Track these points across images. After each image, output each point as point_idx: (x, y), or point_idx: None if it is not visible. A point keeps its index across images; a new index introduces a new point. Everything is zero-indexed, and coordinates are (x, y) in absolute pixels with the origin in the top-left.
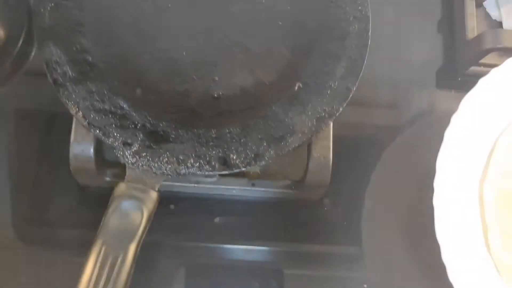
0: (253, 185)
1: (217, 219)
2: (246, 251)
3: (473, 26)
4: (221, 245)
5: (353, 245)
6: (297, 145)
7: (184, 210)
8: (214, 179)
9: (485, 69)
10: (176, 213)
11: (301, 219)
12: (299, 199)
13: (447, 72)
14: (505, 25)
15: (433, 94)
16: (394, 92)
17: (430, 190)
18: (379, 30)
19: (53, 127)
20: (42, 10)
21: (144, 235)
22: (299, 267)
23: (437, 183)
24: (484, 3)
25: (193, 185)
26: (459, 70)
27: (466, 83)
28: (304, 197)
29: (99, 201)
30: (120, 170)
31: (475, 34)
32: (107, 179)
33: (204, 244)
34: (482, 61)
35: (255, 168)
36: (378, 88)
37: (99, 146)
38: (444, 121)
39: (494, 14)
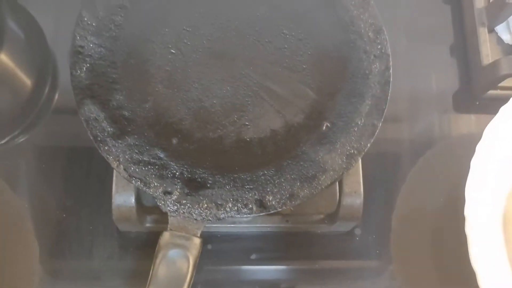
0: (287, 221)
1: (253, 256)
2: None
3: (487, 52)
4: (258, 279)
5: (386, 271)
6: (329, 183)
7: (222, 249)
8: (250, 218)
9: (502, 92)
10: (213, 252)
11: (334, 249)
12: (332, 231)
13: (464, 97)
14: None
15: (453, 118)
16: (415, 119)
17: (455, 210)
18: (394, 60)
19: (90, 166)
20: (78, 71)
21: (192, 281)
22: None
23: (468, 212)
24: (496, 28)
25: (229, 225)
26: (476, 94)
27: (484, 106)
28: (336, 229)
29: (140, 246)
30: (159, 215)
31: (490, 60)
32: (147, 225)
33: (242, 280)
34: (499, 84)
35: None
36: (398, 115)
37: (138, 194)
38: (466, 144)
39: (506, 38)
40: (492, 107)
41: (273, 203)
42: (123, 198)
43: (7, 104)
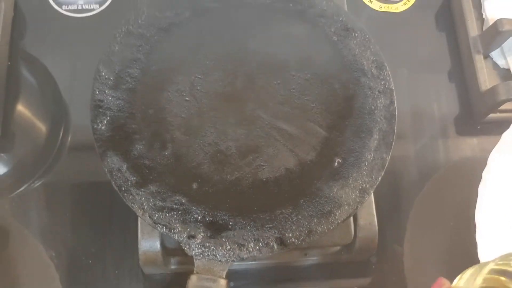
0: (305, 254)
1: None
2: None
3: (484, 78)
4: None
5: None
6: (345, 217)
7: (244, 286)
8: (270, 254)
9: (503, 115)
10: None
11: (352, 279)
12: (349, 261)
13: (466, 122)
14: None
15: (456, 143)
16: (419, 146)
17: (466, 235)
18: (396, 90)
19: (113, 210)
20: (99, 124)
21: None
22: None
23: (479, 237)
24: (491, 54)
25: (250, 262)
26: (477, 119)
27: (486, 130)
28: (353, 259)
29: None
30: (182, 257)
31: (488, 86)
32: (172, 267)
33: None
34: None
35: None
36: (402, 143)
37: (162, 237)
38: (471, 168)
39: (501, 63)
40: (493, 130)
41: (293, 240)
42: (149, 243)
43: (25, 150)
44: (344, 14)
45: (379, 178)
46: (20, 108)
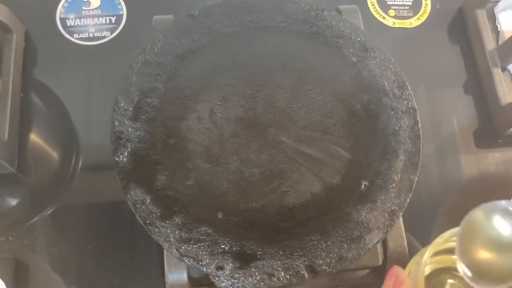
0: (334, 279)
1: None
2: None
3: (504, 92)
4: None
5: None
6: (375, 242)
7: None
8: (300, 283)
9: None
10: None
11: None
12: (379, 283)
13: (486, 136)
14: None
15: (478, 158)
16: (441, 162)
17: None
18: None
19: (134, 241)
20: (120, 156)
21: None
22: None
23: None
24: (508, 67)
25: None
26: (498, 132)
27: (507, 143)
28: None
29: None
30: (210, 287)
31: (507, 99)
32: None
33: None
34: None
35: None
36: (424, 158)
37: (189, 269)
38: (494, 182)
39: None
40: None
41: (324, 267)
42: (176, 276)
43: (39, 180)
44: (362, 34)
45: (408, 200)
46: (34, 138)
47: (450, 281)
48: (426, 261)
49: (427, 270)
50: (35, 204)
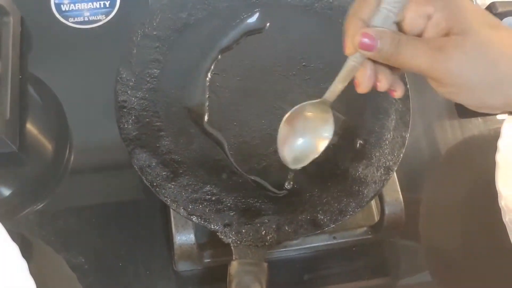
0: (334, 238)
1: (306, 277)
2: None
3: None
4: None
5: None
6: (373, 195)
7: (276, 274)
8: (299, 240)
9: None
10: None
11: (381, 258)
12: (377, 240)
13: None
14: None
15: (462, 123)
16: (426, 128)
17: (485, 204)
18: None
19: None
20: (125, 124)
21: None
22: None
23: (504, 203)
24: None
25: (281, 249)
26: None
27: None
28: (382, 238)
29: (198, 283)
30: (214, 250)
31: None
32: (206, 260)
33: None
34: None
35: None
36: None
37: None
38: (479, 144)
39: None
40: None
41: (325, 221)
42: (184, 236)
43: (36, 168)
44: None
45: (401, 155)
46: (33, 120)
47: None
48: None
49: None
50: (37, 185)
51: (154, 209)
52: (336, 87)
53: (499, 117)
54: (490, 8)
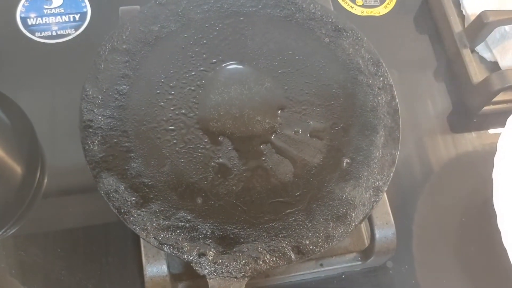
0: (321, 265)
1: None
2: None
3: (475, 71)
4: None
5: None
6: (361, 218)
7: None
8: (283, 268)
9: (496, 106)
10: None
11: (373, 286)
12: (366, 268)
13: (461, 117)
14: (501, 64)
15: (455, 138)
16: (419, 144)
17: (481, 226)
18: None
19: (108, 241)
20: (91, 145)
21: None
22: None
23: (502, 224)
24: (476, 49)
25: (262, 280)
26: (472, 112)
27: (482, 123)
28: (371, 265)
29: None
30: (190, 281)
31: (479, 78)
32: None
33: None
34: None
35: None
36: (401, 141)
37: (168, 262)
38: (473, 161)
39: (487, 56)
40: (489, 122)
41: (311, 247)
42: (155, 268)
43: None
44: (333, 15)
45: (391, 174)
46: None
47: None
48: None
49: None
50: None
51: (125, 236)
52: None
53: (493, 131)
54: (480, 17)
